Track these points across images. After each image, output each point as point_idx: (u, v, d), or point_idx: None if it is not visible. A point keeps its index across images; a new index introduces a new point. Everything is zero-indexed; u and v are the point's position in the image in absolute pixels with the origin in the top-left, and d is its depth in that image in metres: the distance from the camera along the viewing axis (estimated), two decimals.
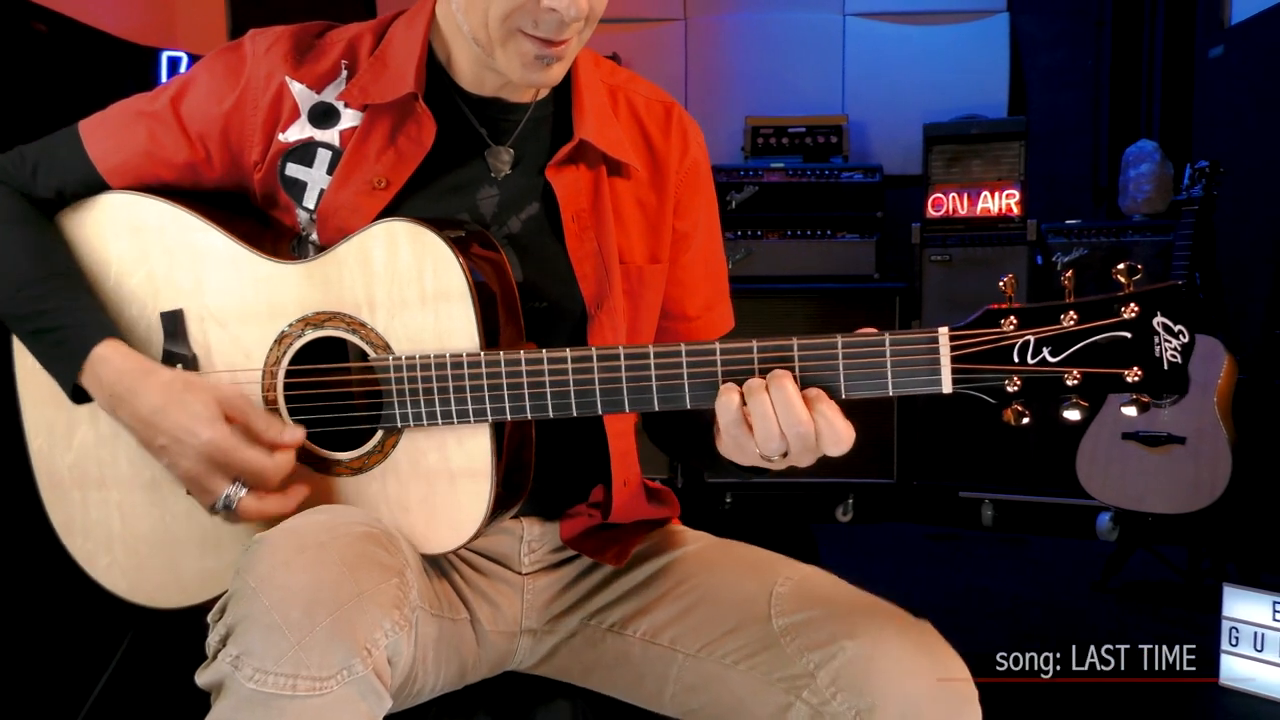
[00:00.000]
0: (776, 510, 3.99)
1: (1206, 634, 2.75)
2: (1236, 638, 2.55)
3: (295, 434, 1.13)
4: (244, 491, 1.11)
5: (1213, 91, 4.11)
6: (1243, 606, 2.54)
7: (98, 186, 1.23)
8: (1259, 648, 2.51)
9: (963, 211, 4.02)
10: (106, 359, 1.13)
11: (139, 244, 1.20)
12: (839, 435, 0.99)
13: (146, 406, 1.11)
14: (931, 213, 4.05)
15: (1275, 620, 2.49)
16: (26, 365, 1.24)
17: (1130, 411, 0.96)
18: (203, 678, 0.95)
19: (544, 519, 1.28)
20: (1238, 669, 2.53)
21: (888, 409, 3.88)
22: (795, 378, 1.00)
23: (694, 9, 4.83)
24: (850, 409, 1.02)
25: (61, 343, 1.15)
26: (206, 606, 1.22)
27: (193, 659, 1.00)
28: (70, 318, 1.15)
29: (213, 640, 0.95)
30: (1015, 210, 3.97)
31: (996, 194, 3.99)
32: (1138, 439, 3.18)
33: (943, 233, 4.01)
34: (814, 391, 1.00)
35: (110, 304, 1.20)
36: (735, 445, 1.04)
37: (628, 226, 1.27)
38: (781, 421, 0.99)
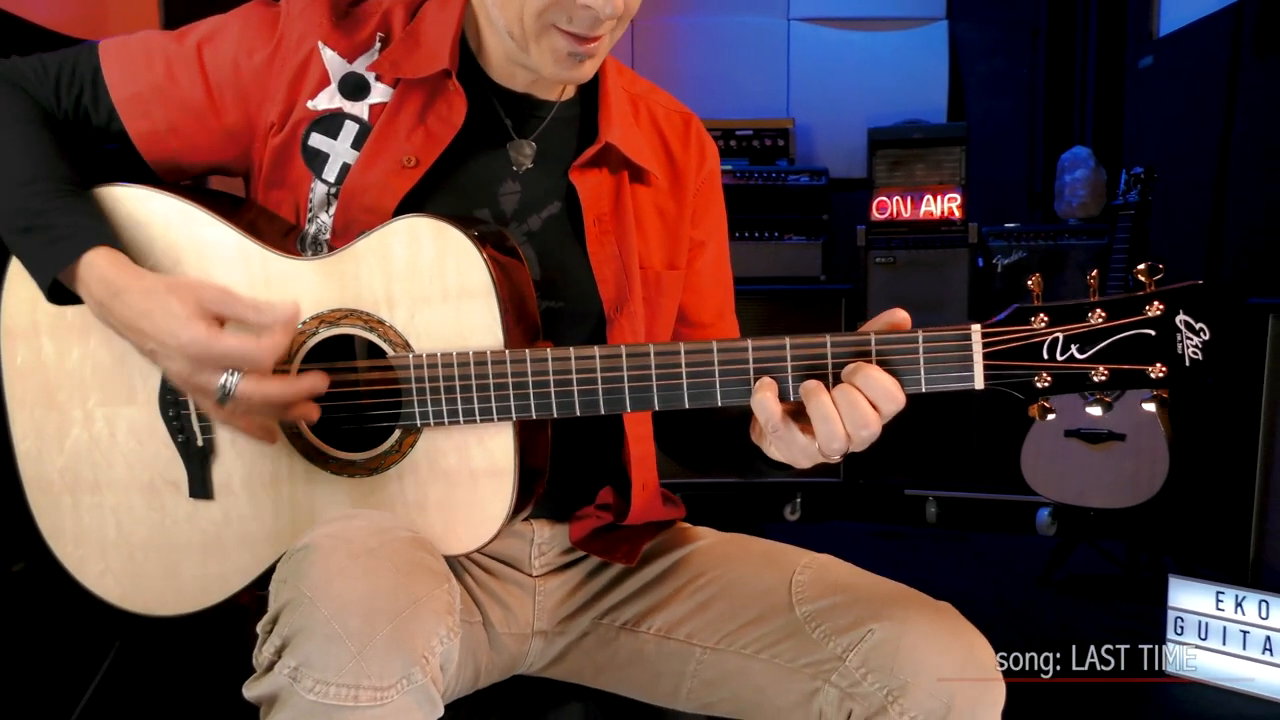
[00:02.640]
0: (726, 510, 4.01)
1: (1151, 625, 2.85)
2: (1181, 627, 2.64)
3: (288, 308, 1.07)
4: (238, 376, 1.04)
5: (1142, 100, 4.25)
6: (1187, 597, 2.64)
7: (110, 113, 1.19)
8: (1203, 636, 2.61)
9: (906, 214, 4.09)
10: (94, 264, 1.08)
11: (144, 237, 1.15)
12: (895, 399, 0.98)
13: (132, 311, 1.07)
14: (876, 215, 4.12)
15: (1218, 609, 2.58)
16: (15, 366, 1.19)
17: (1149, 408, 0.98)
18: (254, 690, 0.93)
19: (554, 521, 1.27)
20: (1183, 657, 2.63)
21: None
22: (829, 374, 1.00)
23: (640, 12, 4.80)
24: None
25: (54, 242, 1.09)
26: (202, 614, 1.20)
27: (183, 668, 0.97)
28: (69, 219, 1.10)
29: (266, 652, 0.92)
30: (957, 214, 4.05)
31: (939, 197, 4.07)
32: (1080, 436, 3.27)
33: (887, 235, 4.08)
34: (859, 376, 0.98)
35: None
36: (785, 446, 1.03)
37: (647, 233, 1.27)
38: (848, 423, 0.98)
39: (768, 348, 1.02)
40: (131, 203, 1.16)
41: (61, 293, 1.11)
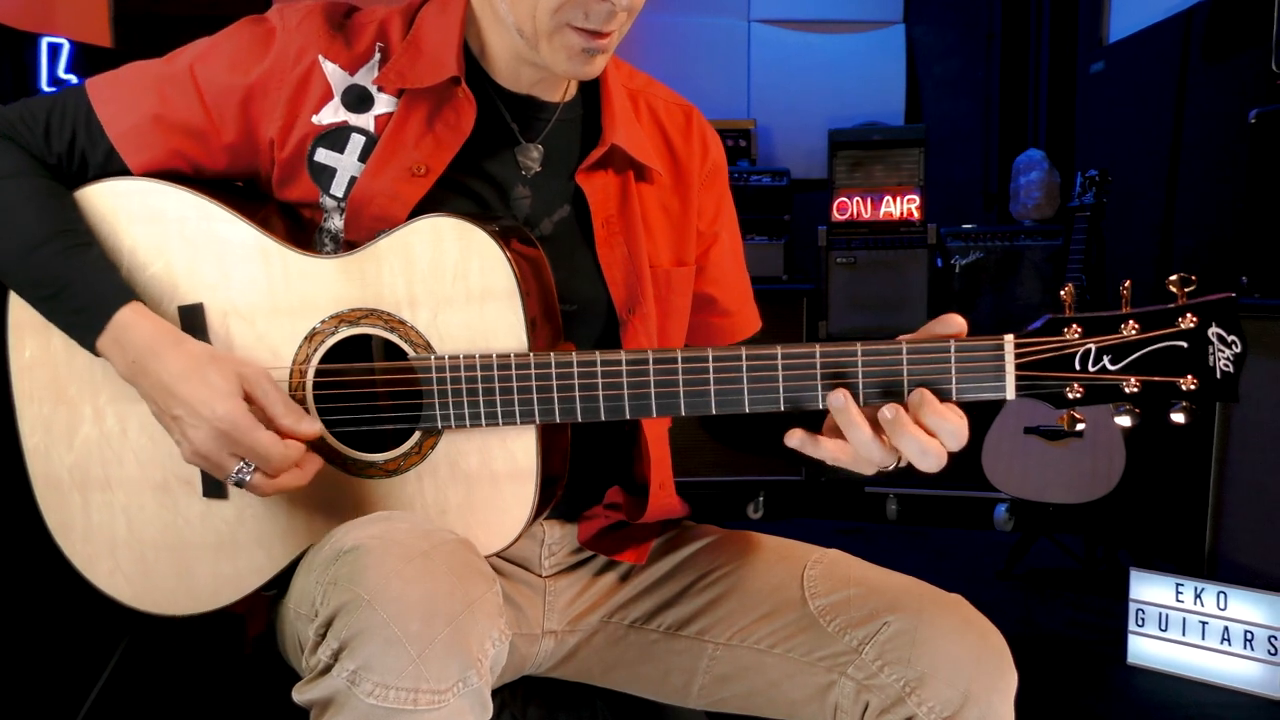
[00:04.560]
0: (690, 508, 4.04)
1: (1110, 617, 2.93)
2: (1142, 619, 2.71)
3: (312, 427, 1.09)
4: (253, 470, 1.06)
5: (1094, 104, 4.35)
6: (1147, 589, 2.71)
7: (107, 153, 1.16)
8: (1163, 627, 2.68)
9: (866, 215, 4.14)
10: (131, 325, 1.08)
11: (157, 234, 1.14)
12: (957, 433, 0.99)
13: (168, 373, 1.07)
14: (837, 216, 4.16)
15: (1178, 601, 2.66)
16: (22, 360, 1.17)
17: (1179, 418, 0.98)
18: (307, 694, 0.92)
19: (564, 521, 1.28)
20: (1144, 648, 2.70)
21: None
22: (859, 381, 1.01)
23: None
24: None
25: (80, 310, 1.09)
26: (210, 613, 1.18)
27: (190, 666, 0.96)
28: (84, 282, 1.09)
29: (323, 655, 0.91)
30: (916, 215, 4.11)
31: (898, 198, 4.13)
32: (1039, 433, 3.34)
33: (847, 236, 4.12)
34: (915, 398, 0.99)
35: None
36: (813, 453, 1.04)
37: (654, 231, 1.27)
38: (907, 449, 1.00)
39: (796, 355, 1.02)
40: (146, 198, 1.15)
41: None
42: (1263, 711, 2.46)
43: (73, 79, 3.97)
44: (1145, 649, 2.70)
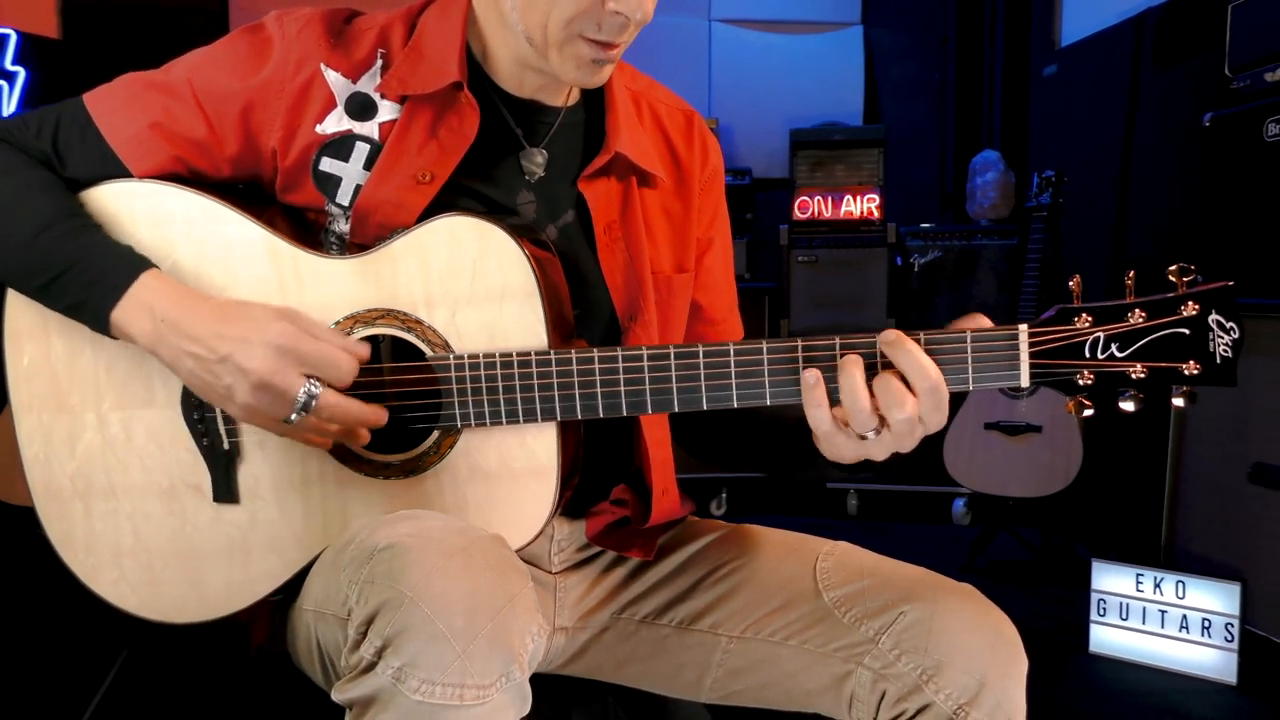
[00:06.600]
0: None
1: (1070, 607, 3.00)
2: (1104, 608, 2.78)
3: (360, 347, 1.08)
4: (319, 388, 1.05)
5: (1047, 106, 4.43)
6: (1109, 579, 2.78)
7: (110, 162, 1.14)
8: (1124, 617, 2.75)
9: (827, 214, 4.19)
10: (157, 287, 1.07)
11: (163, 236, 1.12)
12: (929, 377, 0.99)
13: (205, 322, 1.05)
14: (798, 215, 4.20)
15: (1139, 591, 2.73)
16: (20, 368, 1.15)
17: (1179, 402, 1.02)
18: (349, 693, 0.91)
19: (571, 518, 1.28)
20: (1105, 637, 2.77)
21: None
22: (879, 370, 1.02)
23: None
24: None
25: (93, 283, 1.07)
26: (218, 620, 1.17)
27: (193, 675, 0.95)
28: (97, 255, 1.08)
29: (365, 653, 0.90)
30: (876, 214, 4.16)
31: (858, 198, 4.18)
32: (999, 428, 3.40)
33: (809, 234, 4.17)
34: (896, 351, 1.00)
35: None
36: (833, 446, 1.05)
37: (656, 237, 1.28)
38: (881, 404, 1.00)
39: (817, 346, 1.04)
40: (150, 199, 1.13)
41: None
42: (1220, 696, 2.54)
43: (20, 71, 3.88)
44: (1107, 638, 2.77)
